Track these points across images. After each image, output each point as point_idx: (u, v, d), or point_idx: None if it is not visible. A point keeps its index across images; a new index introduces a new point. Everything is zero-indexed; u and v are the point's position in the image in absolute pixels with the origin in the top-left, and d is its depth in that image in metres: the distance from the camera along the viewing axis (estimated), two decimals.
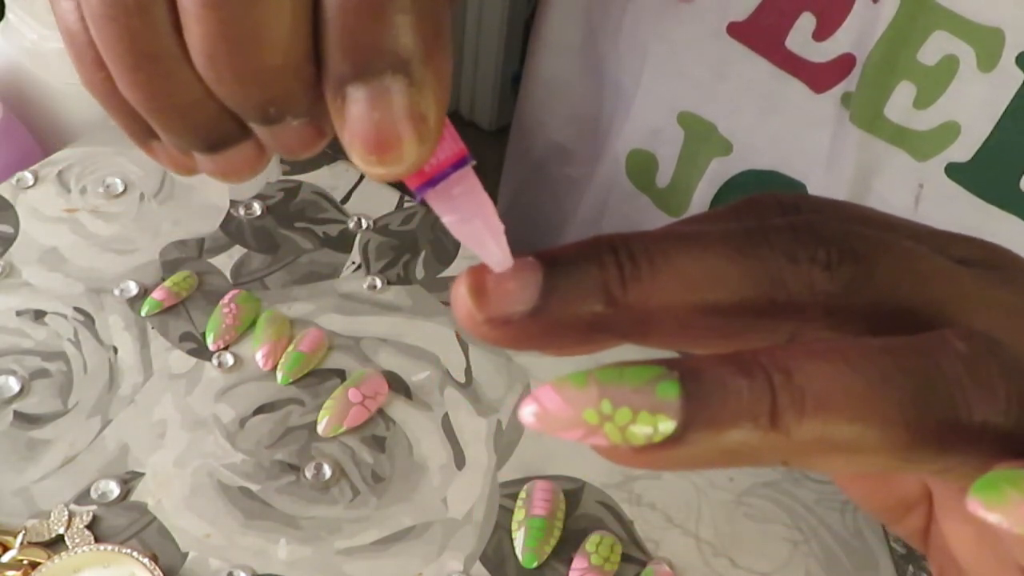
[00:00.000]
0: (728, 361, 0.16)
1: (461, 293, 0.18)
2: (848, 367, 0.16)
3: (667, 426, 0.16)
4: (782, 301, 0.18)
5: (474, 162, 0.17)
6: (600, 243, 0.18)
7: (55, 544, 0.39)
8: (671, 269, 0.17)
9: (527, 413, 0.16)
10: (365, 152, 0.16)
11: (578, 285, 0.17)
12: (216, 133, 0.18)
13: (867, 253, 0.18)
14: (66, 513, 0.40)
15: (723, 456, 0.16)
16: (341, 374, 0.46)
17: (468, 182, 0.17)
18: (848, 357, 0.16)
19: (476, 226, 0.17)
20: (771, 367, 0.16)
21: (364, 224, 0.53)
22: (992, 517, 0.15)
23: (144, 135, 0.20)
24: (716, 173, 0.54)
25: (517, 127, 0.66)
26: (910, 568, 0.42)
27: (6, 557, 0.38)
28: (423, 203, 0.18)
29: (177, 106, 0.18)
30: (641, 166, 0.57)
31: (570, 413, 0.16)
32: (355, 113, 0.16)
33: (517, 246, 0.17)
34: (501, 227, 0.18)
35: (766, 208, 0.20)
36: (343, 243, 0.52)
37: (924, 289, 0.18)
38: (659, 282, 0.17)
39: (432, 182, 0.17)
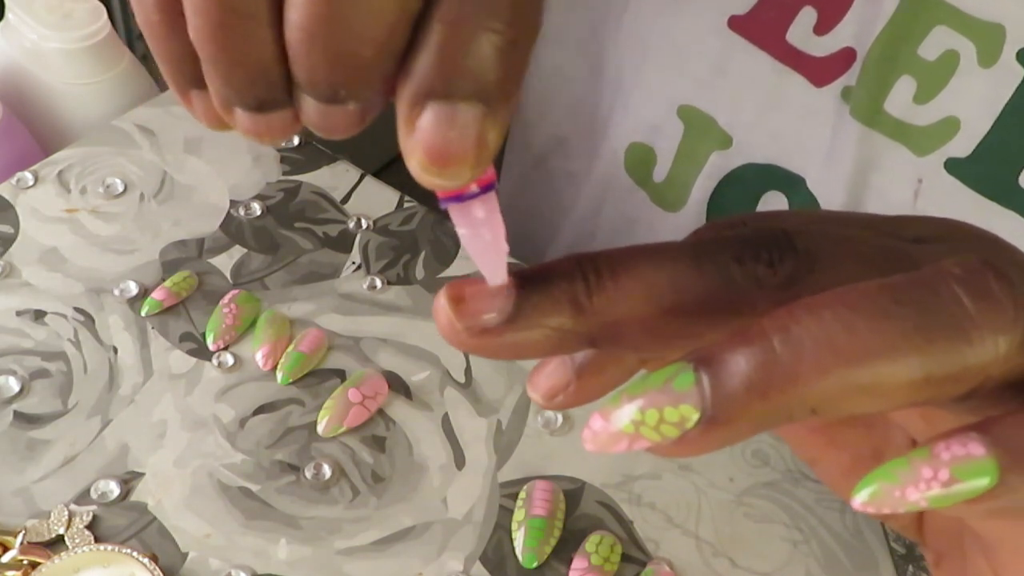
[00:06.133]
0: (732, 336, 0.18)
1: (442, 304, 0.20)
2: (847, 310, 0.17)
3: (692, 413, 0.17)
4: (734, 299, 0.19)
5: (498, 186, 0.19)
6: (568, 260, 0.20)
7: (55, 544, 0.39)
8: (631, 278, 0.19)
9: (584, 440, 0.19)
10: (428, 161, 0.17)
11: (548, 295, 0.19)
12: (269, 94, 0.19)
13: (807, 247, 0.20)
14: (66, 513, 0.40)
15: (755, 424, 0.18)
16: (341, 374, 0.46)
17: (490, 204, 0.19)
18: (846, 301, 0.17)
19: (486, 243, 0.19)
20: (771, 330, 0.17)
21: (364, 224, 0.53)
22: (871, 509, 0.17)
23: (187, 84, 0.20)
24: (715, 167, 0.54)
25: (517, 120, 0.66)
26: (910, 568, 0.42)
27: (6, 557, 0.38)
28: (445, 212, 0.19)
29: (246, 63, 0.18)
30: (639, 160, 0.58)
31: (612, 429, 0.18)
32: (430, 126, 0.17)
33: (517, 240, 0.19)
34: (506, 248, 0.19)
35: (717, 228, 0.22)
36: (343, 243, 0.52)
37: (870, 269, 0.19)
38: (621, 290, 0.19)
39: (460, 198, 0.19)
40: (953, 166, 0.46)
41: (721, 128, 0.53)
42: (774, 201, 0.53)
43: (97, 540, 0.39)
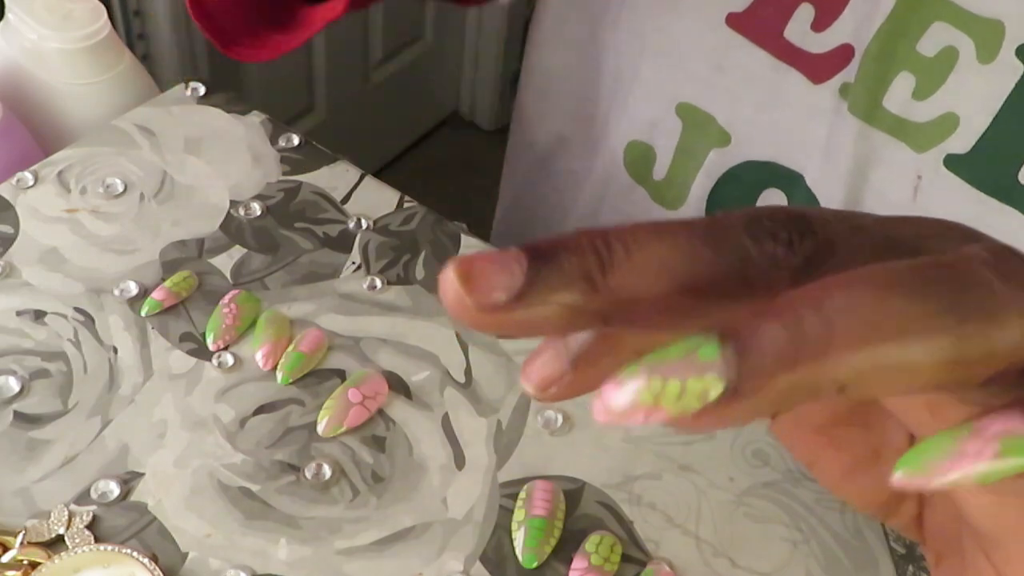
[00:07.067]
0: (761, 309, 0.17)
1: (450, 278, 0.19)
2: (879, 289, 0.17)
3: (716, 385, 0.17)
4: (751, 277, 0.19)
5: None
6: (580, 234, 0.19)
7: (55, 544, 0.39)
8: (645, 253, 0.19)
9: (596, 412, 0.18)
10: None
11: (560, 271, 0.18)
12: None
13: (824, 231, 0.19)
14: (66, 513, 0.40)
15: (780, 398, 0.17)
16: (341, 374, 0.46)
17: None
18: (877, 280, 0.17)
19: None
20: (801, 304, 0.17)
21: (364, 224, 0.53)
22: (913, 484, 0.17)
23: None
24: (714, 164, 0.54)
25: (517, 120, 0.66)
26: (910, 568, 0.42)
27: (6, 557, 0.38)
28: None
29: None
30: (638, 158, 0.58)
31: (628, 399, 0.17)
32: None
33: (519, 240, 0.18)
34: None
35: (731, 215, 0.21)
36: (343, 243, 0.52)
37: (886, 257, 0.19)
38: (635, 265, 0.19)
39: None
40: (952, 162, 0.46)
41: (720, 125, 0.53)
42: (773, 198, 0.53)
43: (97, 540, 0.39)
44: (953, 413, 0.21)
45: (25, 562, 0.38)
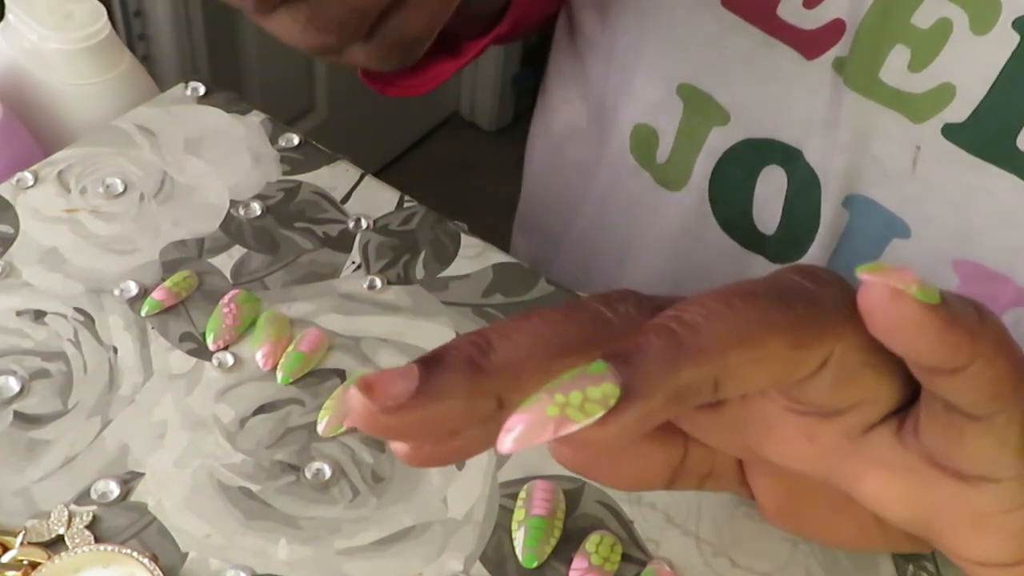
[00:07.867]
0: (636, 332, 0.21)
1: (354, 393, 0.21)
2: (723, 299, 0.22)
3: (613, 389, 0.20)
4: (613, 332, 0.23)
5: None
6: (460, 337, 0.23)
7: (55, 544, 0.39)
8: (519, 333, 0.22)
9: (504, 442, 0.21)
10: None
11: (446, 364, 0.22)
12: None
13: (657, 296, 0.24)
14: (66, 513, 0.40)
15: (668, 400, 0.20)
16: (341, 374, 0.46)
17: None
18: (719, 295, 0.22)
19: None
20: (667, 321, 0.21)
21: (364, 224, 0.53)
22: (877, 277, 0.21)
23: None
24: (715, 144, 0.55)
25: (542, 105, 0.67)
26: (910, 568, 0.42)
27: (6, 557, 0.38)
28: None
29: None
30: (643, 141, 0.58)
31: (535, 418, 0.20)
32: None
33: (536, 228, 0.20)
34: None
35: None
36: (343, 243, 0.52)
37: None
38: (511, 343, 0.22)
39: None
40: (951, 132, 0.46)
41: (719, 104, 0.53)
42: (773, 176, 0.53)
43: (97, 540, 0.39)
44: (829, 441, 0.26)
45: (25, 562, 0.38)
